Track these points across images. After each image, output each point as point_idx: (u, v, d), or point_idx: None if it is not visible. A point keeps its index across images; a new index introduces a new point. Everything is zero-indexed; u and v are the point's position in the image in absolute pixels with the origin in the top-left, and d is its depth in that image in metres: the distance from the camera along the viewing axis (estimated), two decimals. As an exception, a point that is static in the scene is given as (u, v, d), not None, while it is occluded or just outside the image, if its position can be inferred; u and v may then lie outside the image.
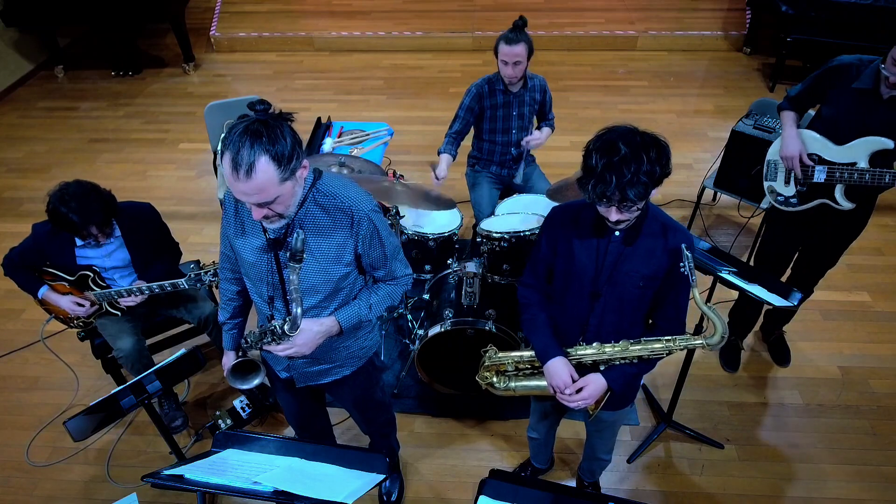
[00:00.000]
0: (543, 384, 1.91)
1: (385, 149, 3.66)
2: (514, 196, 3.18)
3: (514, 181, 3.20)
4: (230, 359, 1.94)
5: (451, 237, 2.98)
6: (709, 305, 1.70)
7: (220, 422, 2.81)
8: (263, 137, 1.39)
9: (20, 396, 3.07)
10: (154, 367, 2.13)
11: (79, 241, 2.44)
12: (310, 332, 1.71)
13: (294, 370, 1.92)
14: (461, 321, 2.61)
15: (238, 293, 1.95)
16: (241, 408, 2.84)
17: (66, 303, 2.51)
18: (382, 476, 1.47)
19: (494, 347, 2.05)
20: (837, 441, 2.73)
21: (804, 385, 2.98)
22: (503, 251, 2.75)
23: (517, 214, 2.94)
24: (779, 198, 2.53)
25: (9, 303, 3.56)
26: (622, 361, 1.80)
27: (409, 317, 3.13)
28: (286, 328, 1.61)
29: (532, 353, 1.93)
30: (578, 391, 1.79)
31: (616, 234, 1.68)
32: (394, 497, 2.53)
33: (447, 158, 3.01)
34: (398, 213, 2.88)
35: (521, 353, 1.99)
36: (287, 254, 1.53)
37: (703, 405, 2.89)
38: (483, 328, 2.58)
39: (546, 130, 3.17)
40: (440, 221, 3.05)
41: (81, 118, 5.44)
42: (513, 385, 2.01)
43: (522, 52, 2.80)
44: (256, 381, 1.93)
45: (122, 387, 2.08)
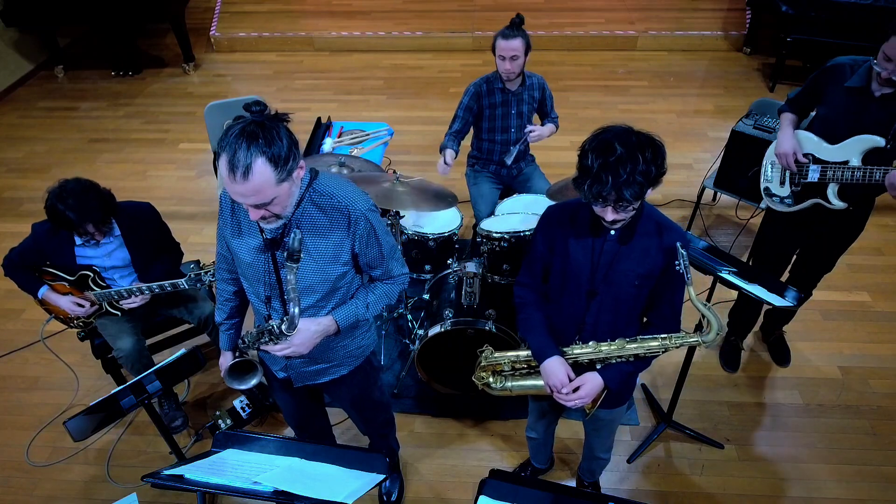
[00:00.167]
0: (540, 383, 1.91)
1: (385, 149, 3.66)
2: (514, 196, 3.18)
3: (505, 159, 3.11)
4: (227, 359, 1.94)
5: (451, 237, 2.98)
6: (704, 303, 1.71)
7: (220, 422, 2.81)
8: (260, 139, 1.39)
9: (20, 396, 3.07)
10: (154, 367, 2.13)
11: (78, 241, 2.44)
12: (307, 332, 1.71)
13: (291, 370, 1.92)
14: (461, 321, 2.61)
15: (235, 293, 1.95)
16: (241, 408, 2.84)
17: (66, 303, 2.51)
18: (382, 476, 1.47)
19: (490, 347, 2.04)
20: (837, 441, 2.73)
21: (804, 385, 2.98)
22: (503, 251, 2.76)
23: (517, 214, 2.94)
24: (774, 198, 2.54)
25: (9, 303, 3.56)
26: (618, 360, 1.80)
27: (409, 317, 3.13)
28: (284, 328, 1.61)
29: (528, 353, 1.93)
30: (575, 390, 1.79)
31: (612, 234, 1.69)
32: (394, 497, 2.53)
33: (450, 153, 3.02)
34: (398, 214, 2.88)
35: (518, 353, 1.99)
36: (284, 254, 1.53)
37: (703, 405, 2.89)
38: (483, 328, 2.58)
39: (549, 126, 3.16)
40: (440, 221, 3.05)
41: (81, 118, 5.44)
42: (509, 385, 2.01)
43: (519, 47, 2.81)
44: (254, 382, 1.93)
45: (122, 387, 2.08)
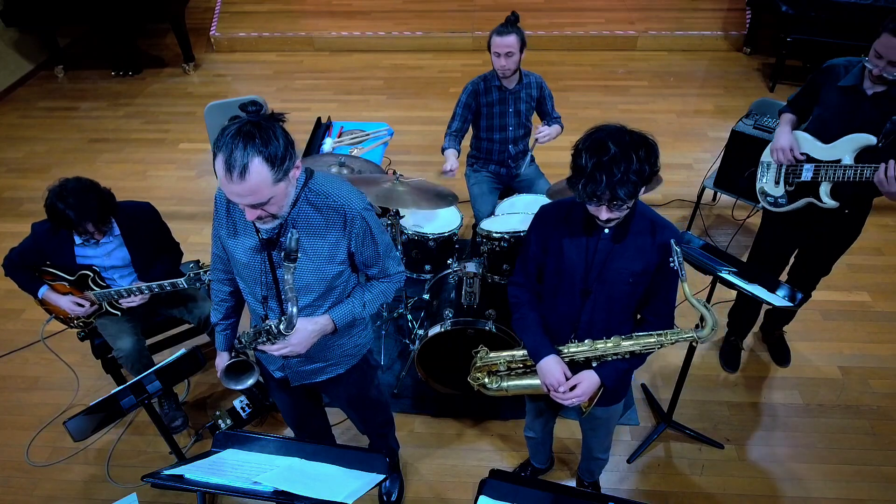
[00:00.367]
0: (536, 383, 1.92)
1: (385, 149, 3.66)
2: (514, 196, 3.18)
3: (515, 171, 3.20)
4: (224, 359, 1.94)
5: (451, 237, 2.98)
6: (698, 299, 1.71)
7: (220, 422, 2.81)
8: (256, 139, 1.39)
9: (20, 396, 3.07)
10: (154, 367, 2.13)
11: (78, 241, 2.44)
12: (304, 332, 1.71)
13: (288, 369, 1.92)
14: (461, 321, 2.61)
15: (230, 294, 1.95)
16: (241, 408, 2.84)
17: (66, 303, 2.51)
18: (382, 476, 1.47)
19: (486, 348, 2.04)
20: (837, 441, 2.73)
21: (804, 385, 2.98)
22: (503, 251, 2.75)
23: (517, 214, 2.94)
24: (768, 198, 2.55)
25: (9, 303, 3.56)
26: (614, 357, 1.80)
27: (409, 317, 3.13)
28: (282, 327, 1.61)
29: (524, 352, 1.94)
30: (572, 389, 1.80)
31: (605, 232, 1.69)
32: (394, 497, 2.53)
33: (453, 153, 3.03)
34: (398, 213, 2.88)
35: (513, 353, 1.98)
36: (281, 254, 1.53)
37: (703, 405, 2.89)
38: (483, 328, 2.58)
39: (556, 127, 3.15)
40: (440, 221, 3.05)
41: (81, 118, 5.44)
42: (505, 385, 2.00)
43: (514, 43, 2.82)
44: (250, 382, 1.93)
45: (122, 387, 2.08)
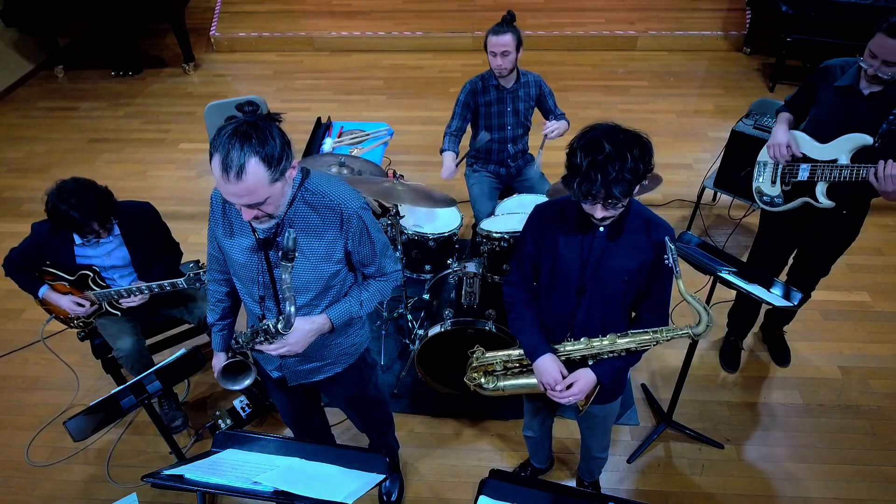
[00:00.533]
0: (532, 382, 1.92)
1: (385, 149, 3.66)
2: (514, 196, 3.18)
3: (522, 168, 3.16)
4: (221, 360, 1.95)
5: (451, 237, 2.98)
6: (693, 295, 1.72)
7: (220, 422, 2.81)
8: (253, 139, 1.39)
9: (20, 396, 3.07)
10: (154, 367, 2.13)
11: (78, 240, 2.44)
12: (302, 331, 1.71)
13: (286, 369, 1.92)
14: (461, 321, 2.61)
15: (227, 294, 1.95)
16: (241, 408, 2.84)
17: (67, 302, 2.51)
18: (382, 476, 1.47)
19: (482, 348, 2.04)
20: (837, 441, 2.73)
21: (804, 385, 2.98)
22: (503, 251, 2.75)
23: (517, 214, 2.94)
24: (765, 198, 2.55)
25: (9, 303, 3.56)
26: (610, 355, 1.81)
27: (409, 317, 3.13)
28: (280, 327, 1.61)
29: (520, 352, 1.94)
30: (569, 387, 1.80)
31: (600, 230, 1.70)
32: (394, 497, 2.53)
33: (451, 156, 3.02)
34: (398, 213, 2.88)
35: (510, 352, 1.99)
36: (278, 253, 1.53)
37: (703, 405, 2.89)
38: (483, 328, 2.57)
39: (563, 122, 3.10)
40: (440, 221, 3.05)
41: (81, 118, 5.44)
42: (501, 385, 2.01)
43: (510, 42, 2.83)
44: (247, 382, 1.93)
45: (122, 387, 2.08)
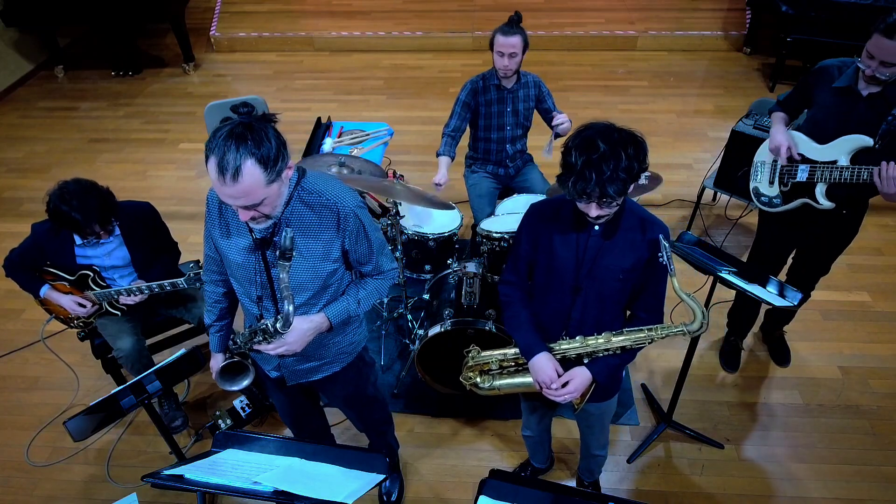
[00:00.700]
0: (528, 381, 1.92)
1: (385, 149, 3.66)
2: (514, 196, 3.18)
3: (544, 154, 3.01)
4: (218, 361, 1.94)
5: (451, 237, 2.98)
6: (687, 293, 1.72)
7: (220, 422, 2.81)
8: (248, 140, 1.39)
9: (20, 396, 3.07)
10: (154, 367, 2.13)
11: (78, 241, 2.44)
12: (300, 330, 1.71)
13: (284, 368, 1.92)
14: (461, 321, 2.61)
15: (224, 295, 1.94)
16: (241, 408, 2.84)
17: (67, 302, 2.51)
18: (382, 476, 1.47)
19: (477, 348, 2.05)
20: (837, 441, 2.73)
21: (804, 385, 2.98)
22: (503, 251, 2.75)
23: (517, 214, 2.94)
24: (762, 198, 2.54)
25: (9, 303, 3.56)
26: (605, 353, 1.81)
27: (409, 317, 3.13)
28: (279, 326, 1.61)
29: (516, 351, 1.94)
30: (564, 385, 1.81)
31: (595, 229, 1.71)
32: (394, 497, 2.53)
33: (446, 161, 3.01)
34: (398, 214, 2.88)
35: (505, 351, 1.99)
36: (275, 253, 1.53)
37: (703, 405, 2.89)
38: (483, 328, 2.57)
39: (566, 116, 3.01)
40: (440, 221, 3.05)
41: (81, 118, 5.44)
42: (497, 384, 2.01)
43: (518, 44, 2.82)
44: (246, 382, 1.92)
45: (122, 387, 2.08)
